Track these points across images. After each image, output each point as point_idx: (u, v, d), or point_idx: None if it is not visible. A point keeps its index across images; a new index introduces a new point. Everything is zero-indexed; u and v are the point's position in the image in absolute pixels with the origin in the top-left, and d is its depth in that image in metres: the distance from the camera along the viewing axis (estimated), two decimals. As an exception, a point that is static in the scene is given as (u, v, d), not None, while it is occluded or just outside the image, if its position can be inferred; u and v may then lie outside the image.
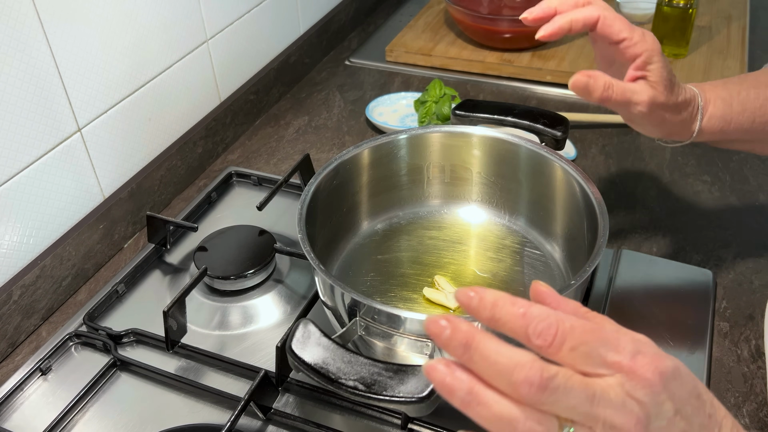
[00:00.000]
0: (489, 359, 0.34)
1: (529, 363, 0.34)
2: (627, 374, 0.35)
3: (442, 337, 0.35)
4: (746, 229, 0.83)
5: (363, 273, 0.73)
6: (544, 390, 0.33)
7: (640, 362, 0.35)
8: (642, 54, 0.62)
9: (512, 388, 0.34)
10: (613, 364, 0.35)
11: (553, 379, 0.34)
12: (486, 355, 0.34)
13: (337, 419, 0.64)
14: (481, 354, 0.34)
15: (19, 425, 0.65)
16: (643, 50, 0.62)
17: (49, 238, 0.78)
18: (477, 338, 0.34)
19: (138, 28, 0.84)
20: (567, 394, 0.34)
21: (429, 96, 1.02)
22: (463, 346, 0.35)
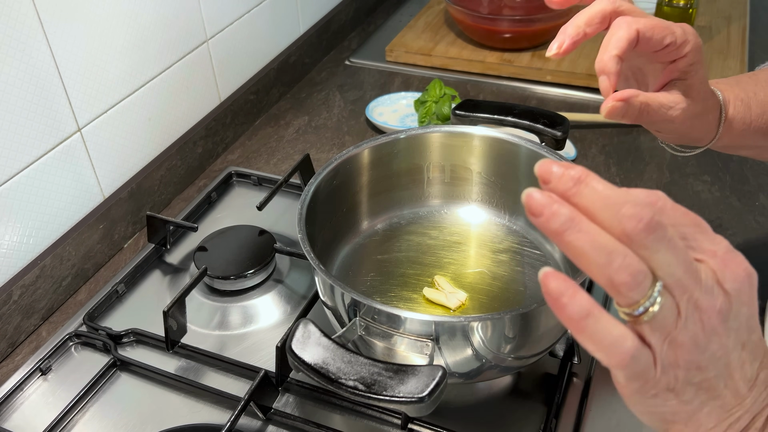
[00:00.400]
0: (600, 192, 0.33)
1: (641, 204, 0.33)
2: (720, 263, 0.35)
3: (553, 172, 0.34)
4: (746, 229, 0.83)
5: (363, 273, 0.73)
6: (651, 232, 0.33)
7: (734, 258, 0.35)
8: (688, 55, 0.54)
9: (618, 222, 0.33)
10: (709, 252, 0.35)
11: (663, 227, 0.33)
12: (597, 188, 0.33)
13: (337, 419, 0.64)
14: (593, 187, 0.33)
15: (19, 425, 0.65)
16: (688, 50, 0.54)
17: (49, 238, 0.78)
18: (589, 175, 0.34)
19: (138, 27, 0.84)
20: (669, 248, 0.33)
21: (429, 96, 1.02)
22: (574, 180, 0.34)
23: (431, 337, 0.55)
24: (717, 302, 0.34)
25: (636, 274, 0.33)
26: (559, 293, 0.33)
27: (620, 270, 0.32)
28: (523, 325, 0.57)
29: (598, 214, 0.33)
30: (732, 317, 0.35)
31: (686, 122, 0.58)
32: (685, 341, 0.34)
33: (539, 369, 0.67)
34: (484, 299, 0.69)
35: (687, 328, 0.34)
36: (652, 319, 0.34)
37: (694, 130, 0.60)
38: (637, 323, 0.34)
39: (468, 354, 0.57)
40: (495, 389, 0.66)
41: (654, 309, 0.33)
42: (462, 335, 0.55)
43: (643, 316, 0.33)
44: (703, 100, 0.57)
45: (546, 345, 0.61)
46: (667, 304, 0.34)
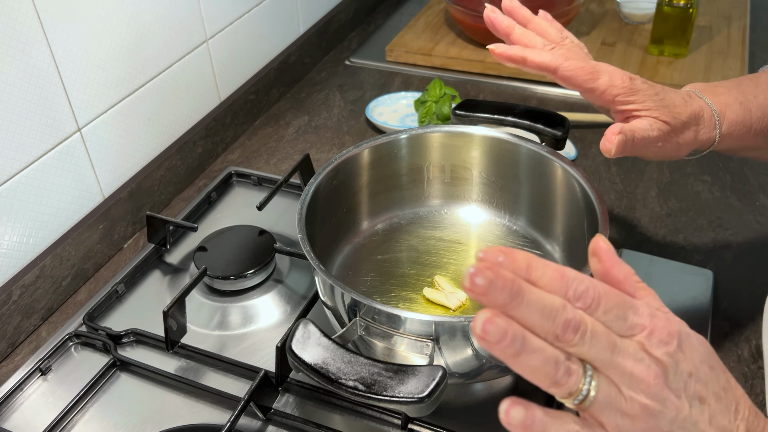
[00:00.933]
0: (536, 304, 0.35)
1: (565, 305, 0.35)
2: (647, 334, 0.37)
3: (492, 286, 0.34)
4: (746, 229, 0.83)
5: (363, 273, 0.73)
6: (576, 331, 0.35)
7: (656, 323, 0.37)
8: (614, 100, 0.60)
9: (553, 331, 0.35)
10: (636, 326, 0.37)
11: (584, 322, 0.36)
12: (532, 300, 0.35)
13: (337, 419, 0.64)
14: (529, 299, 0.35)
15: (18, 425, 0.65)
16: (613, 96, 0.60)
17: (48, 238, 0.78)
18: (524, 286, 0.35)
19: (138, 27, 0.84)
20: (593, 339, 0.36)
21: (429, 96, 1.02)
22: (512, 294, 0.34)
23: (431, 337, 0.55)
24: (651, 370, 0.36)
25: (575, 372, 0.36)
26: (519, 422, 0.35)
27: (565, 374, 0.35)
28: (523, 325, 0.57)
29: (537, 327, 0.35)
30: (671, 377, 0.37)
31: (669, 140, 0.61)
32: (637, 412, 0.36)
33: (539, 369, 0.67)
34: (484, 299, 0.69)
35: (633, 399, 0.36)
36: (595, 401, 0.36)
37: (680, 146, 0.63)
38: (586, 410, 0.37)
39: (468, 354, 0.57)
40: (495, 389, 0.66)
41: (592, 393, 0.36)
42: (462, 335, 0.55)
43: (585, 401, 0.36)
44: (671, 118, 0.61)
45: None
46: (603, 384, 0.36)
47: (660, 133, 0.60)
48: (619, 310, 0.37)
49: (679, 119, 0.61)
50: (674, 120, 0.61)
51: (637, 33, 1.22)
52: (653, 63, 1.12)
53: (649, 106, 0.60)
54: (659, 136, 0.60)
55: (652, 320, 0.38)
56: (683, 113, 0.61)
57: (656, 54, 1.14)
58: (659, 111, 0.60)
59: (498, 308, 0.35)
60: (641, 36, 1.21)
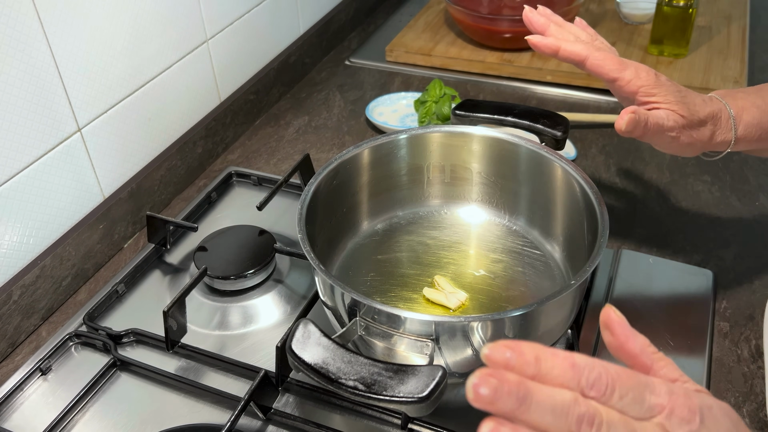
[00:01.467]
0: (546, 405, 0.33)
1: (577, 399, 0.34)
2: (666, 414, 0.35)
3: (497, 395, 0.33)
4: (746, 229, 0.83)
5: (363, 273, 0.73)
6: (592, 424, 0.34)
7: (675, 401, 0.36)
8: (638, 91, 0.63)
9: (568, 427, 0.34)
10: (655, 407, 0.36)
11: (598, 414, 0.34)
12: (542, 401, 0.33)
13: (337, 419, 0.64)
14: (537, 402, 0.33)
15: (19, 425, 0.65)
16: (637, 87, 0.63)
17: (49, 238, 0.78)
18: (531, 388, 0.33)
19: (138, 27, 0.84)
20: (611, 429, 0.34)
21: (429, 96, 1.02)
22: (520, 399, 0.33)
23: (431, 337, 0.55)
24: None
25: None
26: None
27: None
28: (523, 325, 0.57)
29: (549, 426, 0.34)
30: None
31: (683, 133, 0.64)
32: None
33: (539, 369, 0.67)
34: (484, 299, 0.69)
35: None
36: None
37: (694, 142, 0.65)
38: None
39: (468, 354, 0.57)
40: None
41: None
42: (462, 335, 0.55)
43: None
44: (689, 114, 0.63)
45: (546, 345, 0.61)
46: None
47: (675, 124, 0.63)
48: (636, 393, 0.35)
49: (696, 116, 0.63)
50: (691, 115, 0.63)
51: (637, 33, 1.22)
52: (653, 63, 1.12)
53: (670, 99, 0.63)
54: (673, 127, 0.63)
55: (671, 398, 0.36)
56: (701, 111, 0.64)
57: (656, 54, 1.14)
58: (678, 105, 0.63)
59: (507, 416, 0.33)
60: (641, 36, 1.21)
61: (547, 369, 0.34)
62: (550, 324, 0.59)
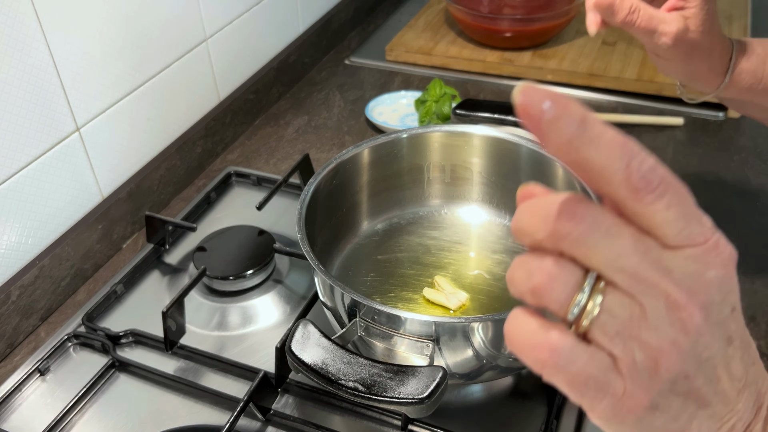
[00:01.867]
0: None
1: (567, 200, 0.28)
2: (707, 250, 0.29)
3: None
4: (746, 229, 0.83)
5: (363, 273, 0.73)
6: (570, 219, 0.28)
7: (721, 241, 0.29)
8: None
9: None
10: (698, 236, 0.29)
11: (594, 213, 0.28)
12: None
13: (337, 420, 0.64)
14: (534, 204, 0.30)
15: (17, 426, 0.65)
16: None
17: (47, 238, 0.77)
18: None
19: (137, 27, 0.84)
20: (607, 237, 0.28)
21: (429, 95, 1.02)
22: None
23: (431, 337, 0.55)
24: (700, 296, 0.28)
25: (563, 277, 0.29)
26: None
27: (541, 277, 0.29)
28: (524, 325, 0.56)
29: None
30: (716, 311, 0.29)
31: (679, 47, 0.60)
32: (665, 346, 0.28)
33: (540, 370, 0.67)
34: (484, 300, 0.69)
35: (662, 330, 0.28)
36: (597, 320, 0.28)
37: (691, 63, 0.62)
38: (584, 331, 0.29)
39: (468, 355, 0.56)
40: (495, 390, 0.66)
41: (591, 309, 0.28)
42: (462, 336, 0.55)
43: (582, 319, 0.28)
44: (703, 33, 0.60)
45: (547, 346, 0.61)
46: (613, 300, 0.28)
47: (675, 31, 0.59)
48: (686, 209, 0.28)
49: (707, 39, 0.60)
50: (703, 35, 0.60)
51: (637, 32, 1.22)
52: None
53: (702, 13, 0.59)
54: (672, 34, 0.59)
55: (715, 235, 0.29)
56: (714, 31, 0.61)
57: (657, 54, 1.14)
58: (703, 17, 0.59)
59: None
60: (641, 35, 1.21)
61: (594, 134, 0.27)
62: (550, 324, 0.59)
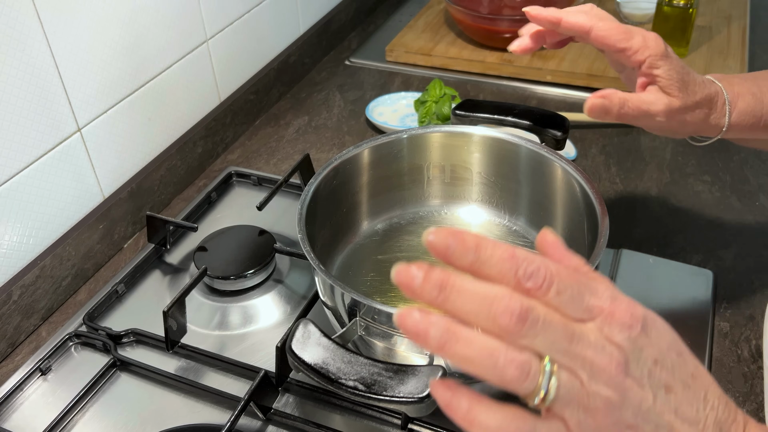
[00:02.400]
0: (466, 293, 0.34)
1: (508, 294, 0.33)
2: (606, 318, 0.35)
3: (414, 283, 0.34)
4: (746, 229, 0.83)
5: (363, 273, 0.73)
6: (524, 320, 0.33)
7: (619, 307, 0.35)
8: (645, 60, 0.60)
9: (492, 320, 0.33)
10: (594, 308, 0.35)
11: (533, 311, 0.33)
12: (463, 290, 0.34)
13: (337, 419, 0.64)
14: (458, 290, 0.34)
15: (18, 425, 0.65)
16: (645, 56, 0.60)
17: (48, 238, 0.78)
18: (452, 277, 0.34)
19: (138, 27, 0.84)
20: (546, 328, 0.33)
21: (429, 96, 1.02)
22: (438, 287, 0.34)
23: (431, 337, 0.55)
24: (612, 359, 0.34)
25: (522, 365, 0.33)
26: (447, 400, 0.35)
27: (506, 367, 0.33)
28: (523, 325, 0.57)
29: (471, 318, 0.34)
30: (633, 366, 0.34)
31: (674, 117, 0.61)
32: (599, 406, 0.34)
33: (539, 369, 0.67)
34: (484, 299, 0.69)
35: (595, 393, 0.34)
36: (557, 398, 0.34)
37: (686, 124, 0.63)
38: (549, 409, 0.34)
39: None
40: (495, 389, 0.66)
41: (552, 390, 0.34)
42: (462, 335, 0.55)
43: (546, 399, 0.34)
44: (685, 97, 0.60)
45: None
46: (565, 378, 0.34)
47: (666, 108, 0.60)
48: (575, 291, 0.35)
49: (692, 99, 0.61)
50: (686, 98, 0.61)
51: (637, 33, 1.22)
52: (653, 63, 1.12)
53: (673, 76, 0.60)
54: (662, 111, 0.60)
55: (612, 303, 0.35)
56: (699, 93, 0.61)
57: (656, 54, 1.14)
58: (678, 85, 0.60)
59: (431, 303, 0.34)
60: (641, 36, 1.21)
61: (486, 257, 0.34)
62: (550, 324, 0.59)
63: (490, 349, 0.33)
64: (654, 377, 0.35)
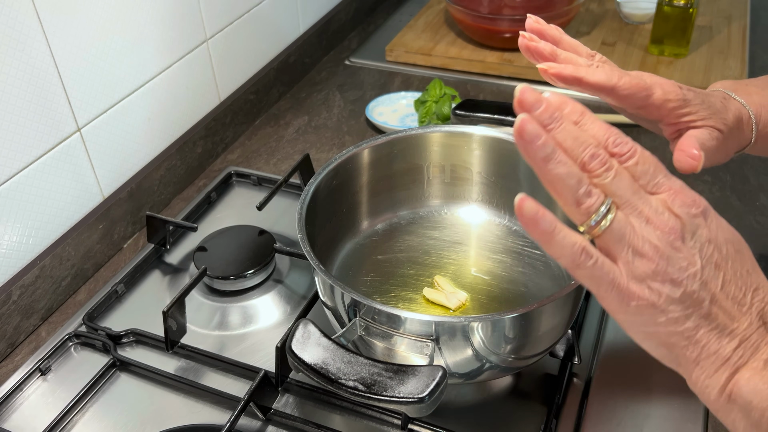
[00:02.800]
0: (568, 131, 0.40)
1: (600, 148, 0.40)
2: (671, 194, 0.40)
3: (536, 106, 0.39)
4: (746, 229, 0.83)
5: (363, 273, 0.73)
6: (603, 164, 0.40)
7: (686, 191, 0.40)
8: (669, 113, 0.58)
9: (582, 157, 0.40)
10: (663, 185, 0.40)
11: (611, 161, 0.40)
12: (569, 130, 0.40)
13: (337, 420, 0.64)
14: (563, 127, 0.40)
15: (18, 425, 0.65)
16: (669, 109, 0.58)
17: (48, 238, 0.78)
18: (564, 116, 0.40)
19: (137, 27, 0.84)
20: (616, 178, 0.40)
21: (429, 96, 1.02)
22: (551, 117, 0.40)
23: (431, 337, 0.55)
24: (668, 222, 0.39)
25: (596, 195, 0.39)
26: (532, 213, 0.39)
27: (585, 194, 0.39)
28: (524, 325, 0.57)
29: (569, 148, 0.40)
30: (689, 236, 0.39)
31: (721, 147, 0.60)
32: (647, 251, 0.39)
33: (539, 369, 0.67)
34: (484, 299, 0.69)
35: (645, 240, 0.39)
36: (607, 230, 0.39)
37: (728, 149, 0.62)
38: (597, 237, 0.40)
39: (468, 354, 0.56)
40: (495, 389, 0.66)
41: (605, 221, 0.39)
42: (462, 335, 0.55)
43: (597, 228, 0.39)
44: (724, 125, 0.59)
45: (546, 345, 0.61)
46: (619, 217, 0.39)
47: (717, 142, 0.58)
48: (651, 167, 0.40)
49: (728, 125, 0.59)
50: (725, 127, 0.59)
51: (637, 33, 1.22)
52: (653, 63, 1.12)
53: (704, 115, 0.58)
54: (717, 145, 0.58)
55: (682, 188, 0.40)
56: (729, 118, 0.59)
57: (656, 54, 1.14)
58: (713, 119, 0.58)
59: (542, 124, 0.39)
60: (641, 36, 1.21)
61: (588, 121, 0.41)
62: (550, 324, 0.59)
63: (578, 176, 0.39)
64: (705, 252, 0.40)
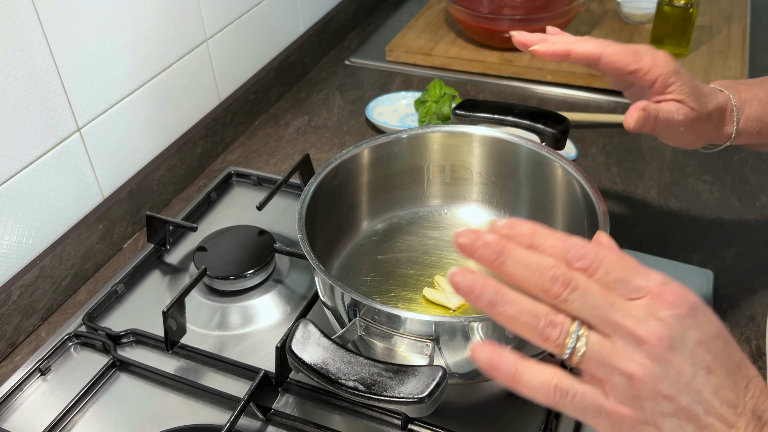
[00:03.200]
0: (520, 261, 0.38)
1: (556, 263, 0.37)
2: (653, 297, 0.37)
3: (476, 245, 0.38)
4: (746, 229, 0.83)
5: (363, 273, 0.73)
6: (566, 285, 0.37)
7: (667, 289, 0.37)
8: (657, 79, 0.60)
9: (539, 285, 0.37)
10: (642, 289, 0.37)
11: (576, 279, 0.37)
12: (518, 258, 0.38)
13: (337, 420, 0.64)
14: (514, 257, 0.38)
15: (18, 425, 0.65)
16: (657, 75, 0.60)
17: (48, 238, 0.78)
18: (509, 245, 0.38)
19: (137, 27, 0.84)
20: (585, 295, 0.37)
21: (429, 96, 1.02)
22: (497, 252, 0.38)
23: (431, 337, 0.55)
24: (654, 331, 0.36)
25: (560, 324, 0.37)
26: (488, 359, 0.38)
27: (547, 325, 0.37)
28: (524, 325, 0.56)
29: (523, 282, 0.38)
30: (678, 343, 0.36)
31: (692, 127, 0.62)
32: (634, 370, 0.36)
33: (539, 369, 0.67)
34: (484, 299, 0.69)
35: (629, 358, 0.36)
36: (584, 356, 0.37)
37: (701, 134, 0.64)
38: (576, 364, 0.37)
39: (468, 354, 0.56)
40: (495, 389, 0.66)
41: (580, 346, 0.37)
42: (462, 335, 0.55)
43: (574, 357, 0.37)
44: (700, 107, 0.62)
45: (546, 345, 0.61)
46: (593, 341, 0.37)
47: (685, 117, 0.61)
48: (622, 273, 0.37)
49: (705, 109, 0.62)
50: (701, 108, 0.62)
51: (637, 33, 1.22)
52: (653, 63, 1.12)
53: (685, 90, 0.61)
54: (683, 122, 0.61)
55: (662, 286, 0.37)
56: (710, 103, 0.62)
57: (656, 54, 1.14)
58: (692, 97, 0.61)
59: (487, 265, 0.38)
60: (641, 36, 1.21)
61: (541, 240, 0.39)
62: (550, 324, 0.59)
63: (534, 311, 0.37)
64: (696, 356, 0.36)
